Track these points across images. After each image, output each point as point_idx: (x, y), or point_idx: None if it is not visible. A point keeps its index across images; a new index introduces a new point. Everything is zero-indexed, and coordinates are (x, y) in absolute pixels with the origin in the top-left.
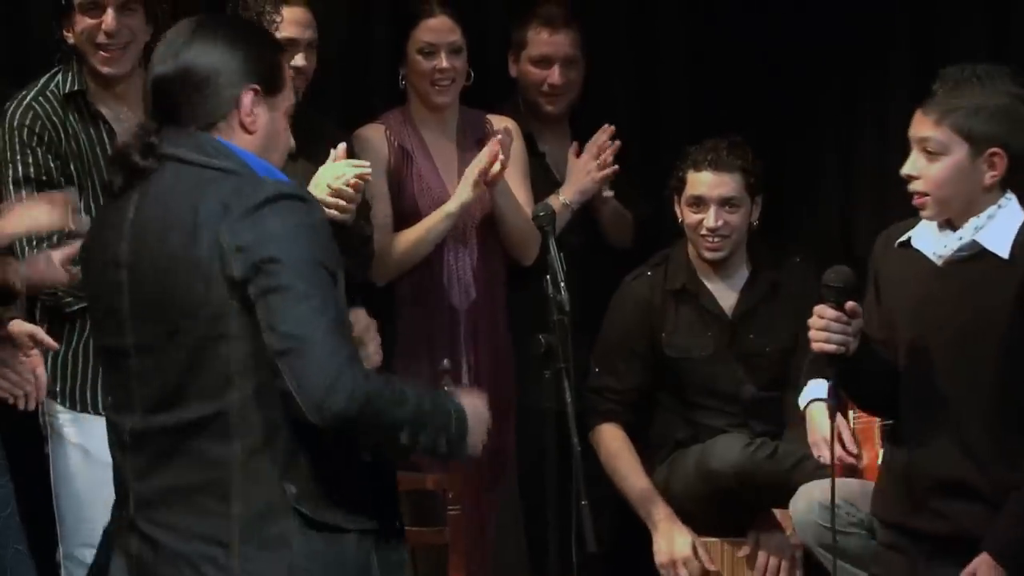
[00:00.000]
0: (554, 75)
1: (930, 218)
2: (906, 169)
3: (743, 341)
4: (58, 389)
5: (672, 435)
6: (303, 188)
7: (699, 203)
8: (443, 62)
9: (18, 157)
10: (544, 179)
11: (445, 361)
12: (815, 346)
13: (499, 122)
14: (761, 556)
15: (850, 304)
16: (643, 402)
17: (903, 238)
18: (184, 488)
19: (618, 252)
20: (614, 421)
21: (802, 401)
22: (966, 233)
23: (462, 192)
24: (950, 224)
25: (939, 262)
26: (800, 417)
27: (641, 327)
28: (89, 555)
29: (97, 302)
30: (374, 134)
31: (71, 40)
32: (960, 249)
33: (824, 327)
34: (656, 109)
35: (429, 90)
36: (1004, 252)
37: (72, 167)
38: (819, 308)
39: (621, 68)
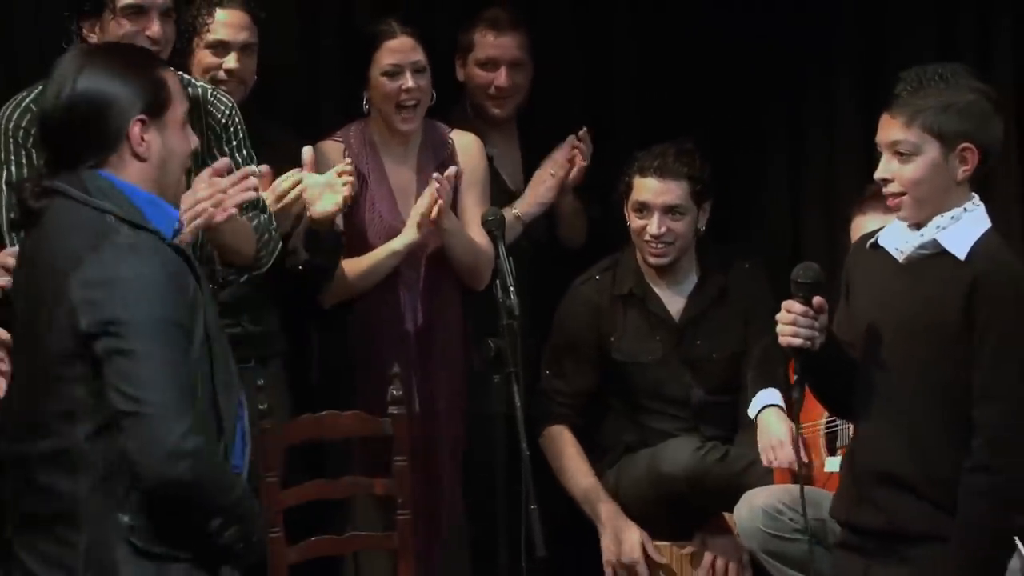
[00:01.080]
0: (501, 77)
1: (906, 219)
2: (879, 173)
3: (690, 346)
4: None
5: (621, 439)
6: (157, 236)
7: (644, 209)
8: (408, 82)
9: (12, 158)
10: (493, 183)
11: (395, 366)
12: (782, 340)
13: (462, 140)
14: (707, 557)
15: (817, 300)
16: (592, 405)
17: (874, 239)
18: (44, 516)
19: (568, 255)
20: (563, 423)
21: (753, 409)
22: (928, 231)
23: (408, 233)
24: (918, 224)
25: (900, 259)
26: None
27: (590, 331)
28: None
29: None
30: (333, 153)
31: (93, 41)
32: (921, 247)
33: (792, 321)
34: (606, 112)
35: (393, 115)
36: (961, 253)
37: None
38: (787, 303)
39: (570, 71)
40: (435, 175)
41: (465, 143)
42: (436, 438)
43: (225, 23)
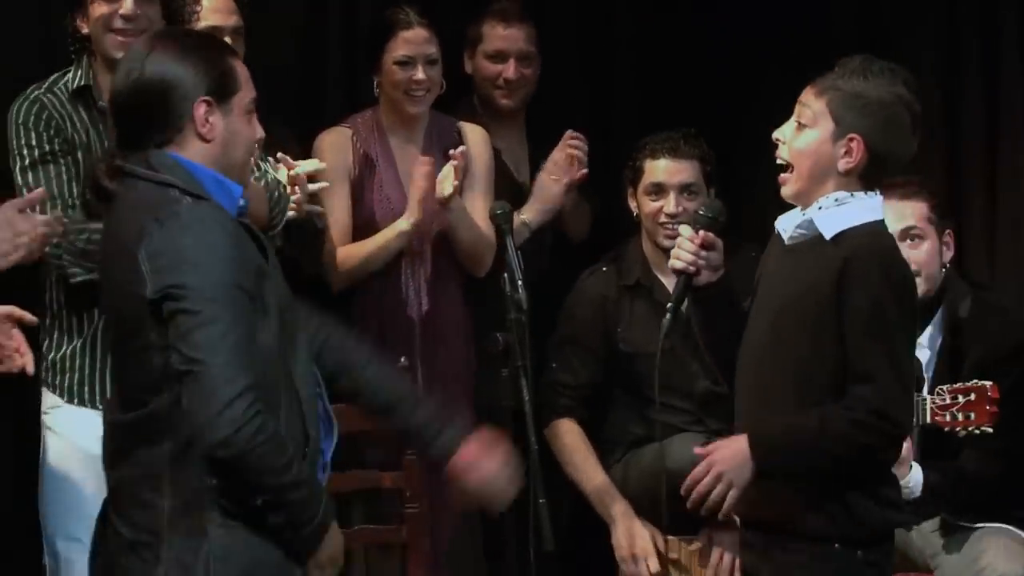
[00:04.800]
0: (509, 69)
1: (789, 195)
2: (776, 133)
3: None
4: (58, 383)
5: (627, 432)
6: (216, 206)
7: (658, 191)
8: (419, 74)
9: (23, 142)
10: (500, 176)
11: (403, 359)
12: (669, 264)
13: (470, 131)
14: (715, 553)
15: (704, 234)
16: (597, 398)
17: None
18: (130, 480)
19: (572, 251)
20: (569, 416)
21: None
22: (809, 212)
23: (412, 212)
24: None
25: (785, 239)
26: None
27: (596, 323)
28: (72, 549)
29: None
30: (341, 139)
31: (85, 30)
32: (800, 227)
33: (679, 244)
34: (609, 105)
35: (402, 99)
36: (828, 234)
37: (80, 155)
38: (681, 227)
39: (574, 64)
40: (451, 151)
41: (473, 134)
42: None
43: (213, 9)
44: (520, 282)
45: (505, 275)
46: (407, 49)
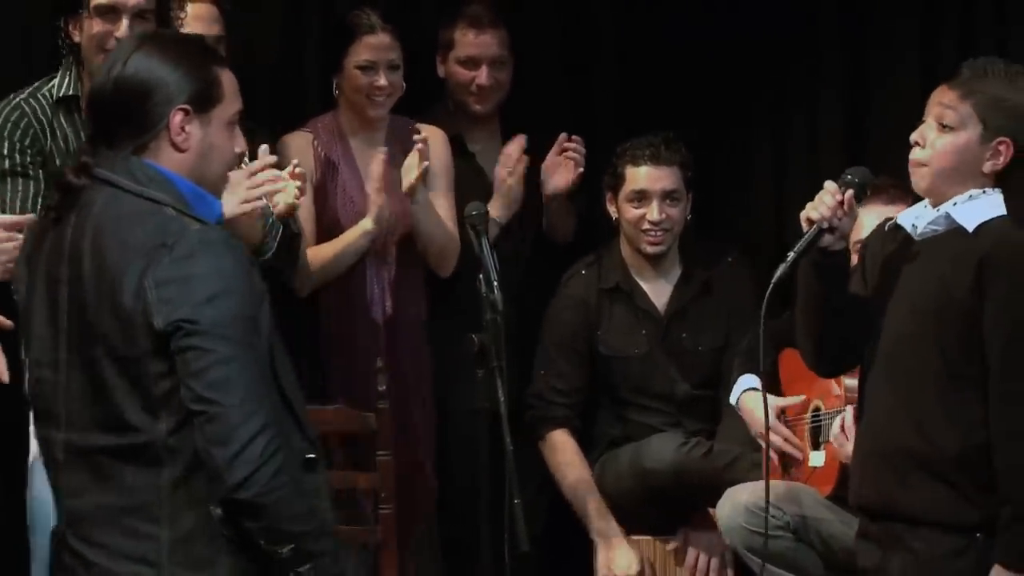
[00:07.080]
0: (482, 76)
1: (921, 187)
2: (915, 135)
3: (676, 339)
4: None
5: (606, 433)
6: (223, 229)
7: (641, 197)
8: (381, 79)
9: None
10: (476, 180)
11: (379, 361)
12: (804, 213)
13: (427, 132)
14: (691, 553)
15: (849, 194)
16: (587, 403)
17: (893, 220)
18: (115, 509)
19: (555, 256)
20: (565, 427)
21: (734, 395)
22: (943, 208)
23: (374, 208)
24: (935, 203)
25: (915, 235)
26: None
27: (579, 326)
28: None
29: (32, 314)
30: (301, 142)
31: (76, 38)
32: (933, 222)
33: (819, 196)
34: (588, 106)
35: (364, 103)
36: (970, 226)
37: (58, 163)
38: (827, 182)
39: (551, 65)
40: (415, 135)
41: (430, 135)
42: (406, 428)
43: (196, 17)
44: (496, 283)
45: (481, 276)
46: (370, 54)
